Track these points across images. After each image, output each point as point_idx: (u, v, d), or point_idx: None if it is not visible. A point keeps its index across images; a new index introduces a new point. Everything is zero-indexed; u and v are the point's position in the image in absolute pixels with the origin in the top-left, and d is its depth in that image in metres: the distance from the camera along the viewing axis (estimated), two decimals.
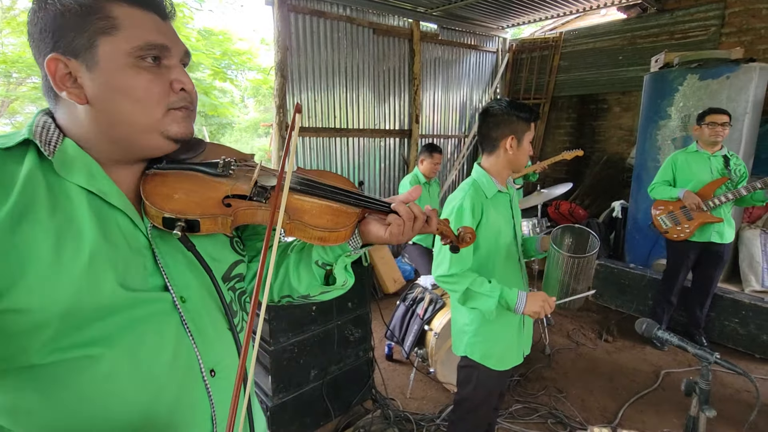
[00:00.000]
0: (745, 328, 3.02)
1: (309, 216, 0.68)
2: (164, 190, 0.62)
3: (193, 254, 0.64)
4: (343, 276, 0.79)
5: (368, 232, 0.74)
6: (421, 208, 0.74)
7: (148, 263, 0.61)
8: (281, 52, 3.78)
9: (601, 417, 2.40)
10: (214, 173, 0.66)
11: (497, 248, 1.49)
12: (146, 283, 0.59)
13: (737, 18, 4.21)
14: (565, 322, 3.59)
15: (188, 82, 0.62)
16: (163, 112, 0.60)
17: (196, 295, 0.64)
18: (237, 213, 0.64)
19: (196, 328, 0.63)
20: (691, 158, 2.85)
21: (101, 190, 0.58)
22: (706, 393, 1.15)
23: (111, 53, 0.56)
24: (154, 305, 0.59)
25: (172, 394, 0.60)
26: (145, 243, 0.61)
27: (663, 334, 1.23)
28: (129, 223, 0.60)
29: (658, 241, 3.51)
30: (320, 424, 2.07)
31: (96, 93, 0.57)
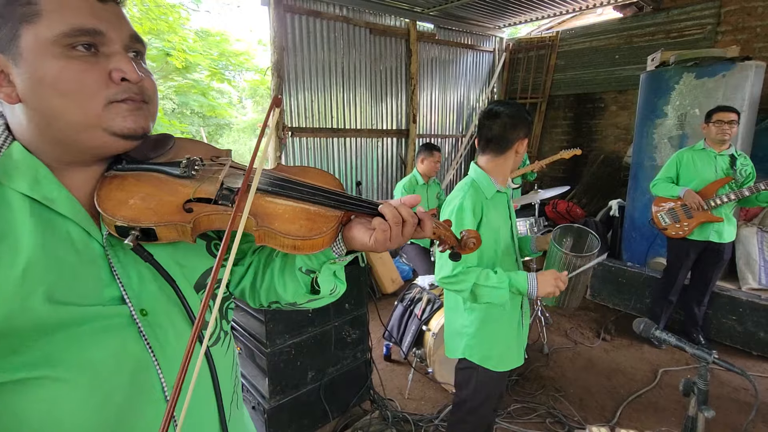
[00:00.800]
0: (742, 326, 3.02)
1: (280, 221, 0.60)
2: (119, 194, 0.56)
3: (151, 264, 0.58)
4: (330, 283, 0.72)
5: (351, 237, 0.65)
6: (411, 211, 0.65)
7: (103, 274, 0.55)
8: (278, 53, 3.77)
9: (599, 416, 2.40)
10: (176, 174, 0.60)
11: (496, 248, 1.49)
12: (101, 296, 0.54)
13: (733, 16, 4.22)
14: (562, 321, 3.59)
15: (131, 71, 0.54)
16: (102, 106, 0.53)
17: (160, 307, 0.59)
18: (199, 219, 0.57)
19: (158, 343, 0.58)
20: (696, 156, 2.83)
21: (46, 197, 0.53)
22: (705, 393, 1.15)
23: (34, 43, 0.50)
24: (107, 320, 0.54)
25: (129, 416, 0.55)
26: (100, 252, 0.56)
27: (661, 334, 1.23)
28: (81, 232, 0.55)
29: (656, 239, 3.52)
30: (318, 425, 2.06)
31: (24, 89, 0.51)
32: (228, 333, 0.72)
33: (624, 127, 5.11)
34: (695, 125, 3.43)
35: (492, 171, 1.51)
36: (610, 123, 5.28)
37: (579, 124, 5.56)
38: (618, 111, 5.19)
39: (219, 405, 0.64)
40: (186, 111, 9.77)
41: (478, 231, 1.44)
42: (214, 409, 0.64)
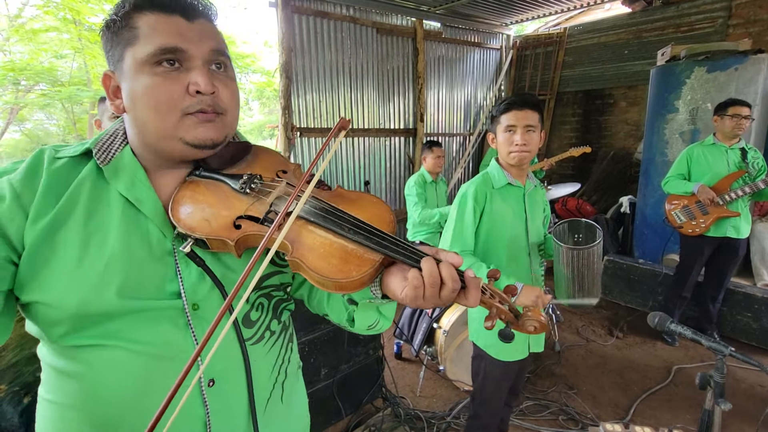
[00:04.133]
0: (757, 323, 2.98)
1: (312, 255, 0.57)
2: (188, 201, 0.61)
3: (203, 269, 0.63)
4: (370, 319, 0.69)
5: (387, 284, 0.61)
6: (454, 274, 0.57)
7: (169, 270, 0.62)
8: (285, 54, 3.80)
9: (612, 413, 2.39)
10: (236, 188, 0.63)
11: (501, 239, 1.52)
12: (162, 290, 0.61)
13: (744, 9, 4.16)
14: (574, 319, 3.57)
15: (203, 83, 0.58)
16: (178, 118, 0.59)
17: (211, 304, 0.64)
18: (245, 237, 0.59)
19: (203, 334, 0.62)
20: (707, 151, 2.79)
21: (137, 198, 0.61)
22: (721, 386, 1.15)
23: (131, 62, 0.58)
24: (164, 311, 0.61)
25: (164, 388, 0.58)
26: (169, 249, 0.62)
27: (676, 328, 1.23)
28: (157, 232, 0.62)
29: (668, 236, 3.48)
30: (332, 422, 2.08)
31: (126, 102, 0.61)
32: (276, 333, 0.73)
33: (634, 123, 5.06)
34: (707, 120, 3.39)
35: (502, 164, 1.57)
36: (619, 119, 5.23)
37: (588, 121, 5.52)
38: (627, 107, 5.14)
39: (250, 397, 0.67)
40: None
41: (481, 220, 1.48)
42: (245, 400, 0.67)
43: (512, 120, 1.46)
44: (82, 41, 6.49)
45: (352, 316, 0.70)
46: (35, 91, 7.14)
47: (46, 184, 0.58)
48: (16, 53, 6.68)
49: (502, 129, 1.48)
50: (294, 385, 0.81)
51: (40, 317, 0.58)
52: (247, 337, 0.68)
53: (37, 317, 0.59)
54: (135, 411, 0.61)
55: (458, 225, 1.50)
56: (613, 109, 5.27)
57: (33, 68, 6.39)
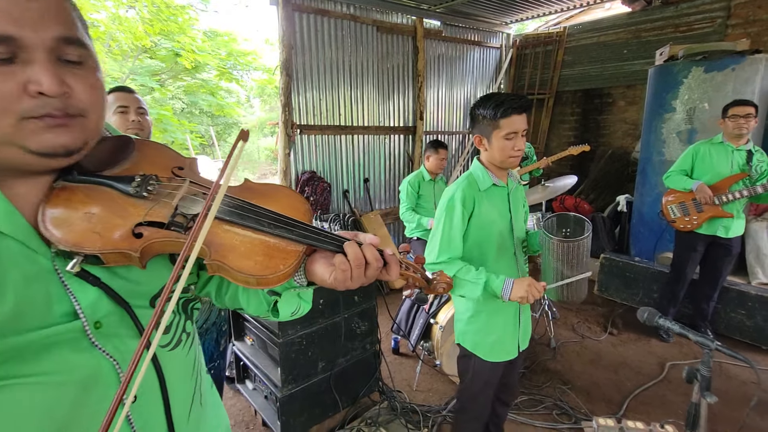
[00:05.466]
0: (751, 320, 3.02)
1: (234, 255, 0.55)
2: (64, 214, 0.51)
3: (100, 288, 0.53)
4: (292, 305, 0.70)
5: (312, 272, 0.62)
6: (376, 253, 0.61)
7: (52, 289, 0.51)
8: (286, 51, 3.82)
9: (606, 408, 2.42)
10: (128, 192, 0.54)
11: (489, 240, 1.51)
12: (50, 315, 0.50)
13: (743, 9, 4.17)
14: (570, 316, 3.61)
15: (48, 83, 0.46)
16: (14, 123, 0.46)
17: (113, 319, 0.55)
18: (150, 245, 0.53)
19: (118, 350, 0.56)
20: (714, 149, 2.81)
21: None
22: (707, 379, 1.18)
23: None
24: (59, 336, 0.51)
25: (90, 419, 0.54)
26: (48, 267, 0.51)
27: (664, 322, 1.26)
28: (22, 249, 0.49)
29: (663, 234, 3.51)
30: (329, 414, 2.11)
31: None
32: (191, 334, 0.70)
33: (632, 122, 5.08)
34: (704, 119, 3.42)
35: (485, 165, 1.54)
36: (618, 118, 5.25)
37: (586, 120, 5.54)
38: (626, 106, 5.16)
39: (166, 407, 0.62)
40: (195, 110, 9.90)
41: (469, 222, 1.48)
42: (161, 411, 0.62)
43: (515, 126, 1.40)
44: None
45: (274, 307, 0.70)
46: None
47: None
48: None
49: (502, 135, 1.41)
50: (205, 385, 0.76)
51: None
52: (164, 344, 0.63)
53: None
54: None
55: (446, 231, 1.47)
56: (611, 109, 5.29)
57: None
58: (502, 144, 1.43)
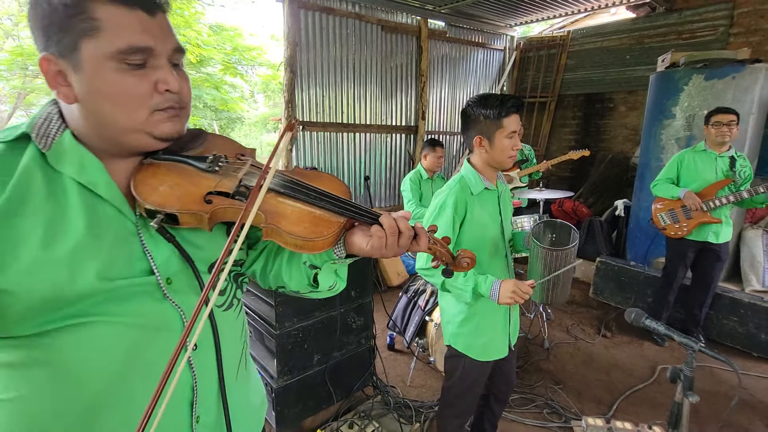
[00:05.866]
0: (743, 327, 3.05)
1: (286, 221, 0.65)
2: (152, 181, 0.63)
3: (173, 245, 0.65)
4: (329, 280, 0.78)
5: (351, 243, 0.71)
6: (408, 224, 0.70)
7: (135, 249, 0.63)
8: (290, 48, 3.85)
9: (596, 409, 2.46)
10: (201, 167, 0.66)
11: (483, 244, 1.50)
12: (132, 269, 0.62)
13: (746, 18, 4.20)
14: (564, 318, 3.64)
15: (173, 83, 0.61)
16: (147, 114, 0.60)
17: (183, 277, 0.67)
18: (216, 210, 0.63)
19: (185, 304, 0.66)
20: (698, 157, 2.87)
21: (90, 181, 0.60)
22: (690, 379, 1.21)
23: (93, 56, 0.56)
24: (139, 287, 0.62)
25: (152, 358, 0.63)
26: (132, 230, 0.63)
27: (650, 323, 1.29)
28: (116, 213, 0.62)
29: (655, 239, 3.55)
30: (323, 407, 2.15)
31: (82, 94, 0.58)
32: (240, 301, 0.81)
33: (632, 127, 5.11)
34: (703, 127, 3.44)
35: (477, 167, 1.52)
36: (618, 123, 5.28)
37: (588, 124, 5.57)
38: (627, 111, 5.19)
39: (218, 360, 0.72)
40: (199, 104, 9.92)
41: (462, 228, 1.48)
42: (213, 364, 0.71)
43: (515, 125, 1.40)
44: None
45: (312, 279, 0.78)
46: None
47: None
48: (25, 38, 6.73)
49: (506, 133, 1.40)
50: (250, 357, 0.88)
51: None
52: (218, 304, 0.73)
53: None
54: (118, 387, 0.61)
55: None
56: (612, 113, 5.32)
57: None
58: (504, 143, 1.42)
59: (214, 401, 0.72)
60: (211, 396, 0.72)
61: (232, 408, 0.74)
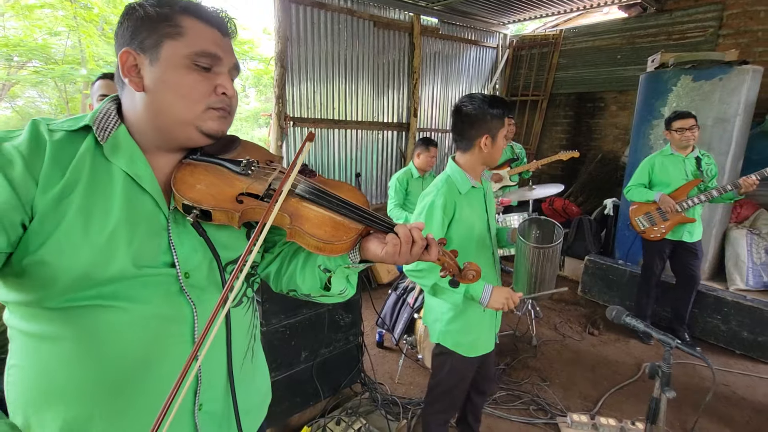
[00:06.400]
0: (726, 325, 3.10)
1: (309, 224, 0.71)
2: (190, 179, 0.69)
3: (203, 238, 0.71)
4: (341, 285, 0.83)
5: (367, 248, 0.77)
6: (422, 235, 0.76)
7: (163, 243, 0.69)
8: (281, 43, 3.82)
9: (581, 405, 2.49)
10: (235, 170, 0.73)
11: (470, 243, 1.52)
12: (157, 260, 0.68)
13: (735, 20, 4.25)
14: (552, 315, 3.68)
15: (230, 89, 0.71)
16: (203, 110, 0.69)
17: (200, 273, 0.72)
18: (246, 210, 0.69)
19: (198, 299, 0.71)
20: (667, 161, 2.98)
21: (137, 174, 0.67)
22: (668, 375, 1.23)
23: (172, 53, 0.66)
24: (160, 277, 0.68)
25: (161, 346, 0.68)
26: (164, 224, 0.69)
27: (630, 320, 1.31)
28: (154, 205, 0.68)
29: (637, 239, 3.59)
30: (310, 403, 2.15)
31: (151, 83, 0.67)
32: (250, 299, 0.86)
33: (623, 127, 5.15)
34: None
35: (465, 166, 1.53)
36: (609, 123, 5.32)
37: (579, 123, 5.61)
38: (618, 111, 5.23)
39: (228, 354, 0.77)
40: None
41: (450, 228, 1.49)
42: (223, 356, 0.77)
43: (508, 125, 1.48)
44: (77, 19, 6.41)
45: (326, 284, 0.83)
46: (28, 68, 7.05)
47: (51, 155, 0.62)
48: (10, 29, 6.59)
49: (504, 132, 1.48)
50: (259, 350, 0.93)
51: (37, 277, 0.61)
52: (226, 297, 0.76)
53: (33, 277, 0.61)
54: (138, 367, 0.66)
55: None
56: (603, 113, 5.36)
57: (26, 45, 6.31)
58: (502, 142, 1.48)
59: (221, 392, 0.77)
60: (218, 387, 0.77)
61: (240, 399, 0.79)
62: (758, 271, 3.46)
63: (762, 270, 3.46)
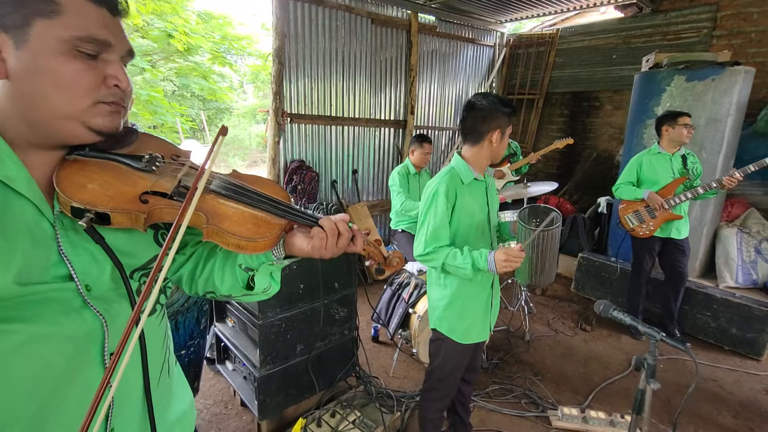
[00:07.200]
0: (716, 321, 3.16)
1: (229, 222, 0.66)
2: (79, 178, 0.60)
3: (101, 246, 0.62)
4: (265, 282, 0.79)
5: (292, 243, 0.74)
6: (347, 226, 0.74)
7: (52, 254, 0.58)
8: (279, 39, 3.83)
9: (572, 399, 2.54)
10: (137, 167, 0.64)
11: (470, 231, 1.62)
12: (47, 275, 0.57)
13: (729, 21, 4.29)
14: (546, 311, 3.73)
15: (124, 80, 0.61)
16: (90, 104, 0.59)
17: (103, 284, 0.63)
18: (153, 210, 0.62)
19: (106, 312, 0.63)
20: (654, 159, 3.03)
21: (7, 176, 0.55)
22: (653, 367, 1.27)
23: (45, 36, 0.55)
24: (55, 293, 0.58)
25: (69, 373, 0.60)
26: (50, 233, 0.59)
27: (618, 314, 1.35)
28: (34, 212, 0.57)
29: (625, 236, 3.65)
30: (305, 396, 2.18)
31: (19, 70, 0.55)
32: (163, 306, 0.78)
33: (618, 126, 5.20)
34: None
35: (470, 160, 1.64)
36: (604, 122, 5.36)
37: (574, 122, 5.65)
38: (613, 110, 5.27)
39: (144, 371, 0.70)
40: (186, 94, 9.78)
41: (452, 214, 1.58)
42: (139, 375, 0.69)
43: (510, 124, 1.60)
44: None
45: (248, 283, 0.79)
46: None
47: None
48: None
49: (510, 131, 1.60)
50: (173, 359, 0.85)
51: None
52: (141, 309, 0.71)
53: None
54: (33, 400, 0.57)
55: (431, 223, 1.56)
56: (598, 112, 5.40)
57: None
58: (508, 139, 1.61)
59: (136, 414, 0.70)
60: (133, 409, 0.69)
61: (158, 418, 0.73)
62: (747, 269, 3.52)
63: (751, 268, 3.51)
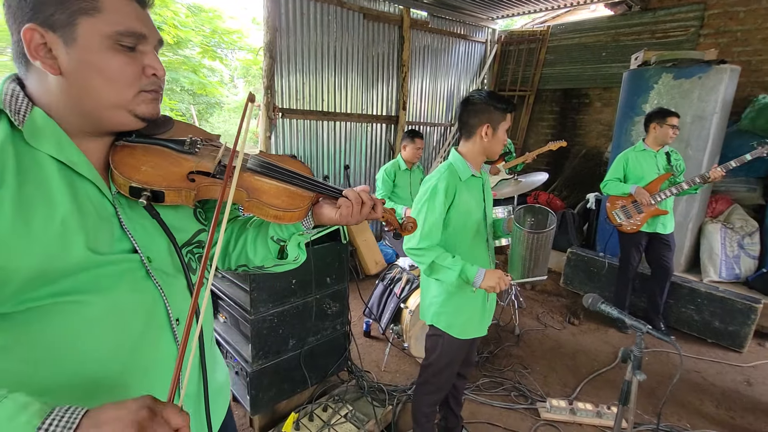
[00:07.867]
0: (699, 315, 3.24)
1: (267, 196, 0.74)
2: (132, 161, 0.67)
3: (157, 221, 0.69)
4: (295, 252, 0.88)
5: (321, 214, 0.82)
6: (369, 195, 0.82)
7: (115, 230, 0.65)
8: (270, 33, 3.80)
9: (561, 391, 2.59)
10: (180, 150, 0.72)
11: (466, 227, 1.62)
12: (113, 248, 0.64)
13: (716, 20, 4.36)
14: (535, 306, 3.78)
15: (160, 68, 0.67)
16: (135, 93, 0.65)
17: (160, 256, 0.70)
18: (200, 188, 0.69)
19: (164, 283, 0.70)
20: (640, 156, 3.10)
21: (70, 159, 0.61)
22: (639, 359, 1.30)
23: (90, 33, 0.60)
24: (123, 264, 0.65)
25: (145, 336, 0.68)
26: (111, 211, 0.66)
27: (605, 307, 1.38)
28: (97, 192, 0.64)
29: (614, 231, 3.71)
30: (297, 390, 2.19)
31: (70, 67, 0.60)
32: (208, 280, 0.83)
33: (606, 123, 5.26)
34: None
35: (467, 155, 1.64)
36: (593, 119, 5.43)
37: (564, 119, 5.70)
38: (602, 107, 5.33)
39: (200, 335, 0.76)
40: (176, 88, 9.62)
41: (449, 211, 1.59)
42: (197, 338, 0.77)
43: (510, 120, 1.60)
44: None
45: (278, 253, 0.86)
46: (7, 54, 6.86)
47: None
48: None
49: (506, 127, 1.59)
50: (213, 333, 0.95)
51: None
52: (194, 282, 0.77)
53: None
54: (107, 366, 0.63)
55: (428, 219, 1.54)
56: (588, 109, 5.46)
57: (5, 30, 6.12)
58: (503, 135, 1.59)
59: (195, 373, 0.78)
60: (192, 368, 0.77)
61: (209, 380, 0.80)
62: (731, 264, 3.60)
63: (734, 262, 3.60)
